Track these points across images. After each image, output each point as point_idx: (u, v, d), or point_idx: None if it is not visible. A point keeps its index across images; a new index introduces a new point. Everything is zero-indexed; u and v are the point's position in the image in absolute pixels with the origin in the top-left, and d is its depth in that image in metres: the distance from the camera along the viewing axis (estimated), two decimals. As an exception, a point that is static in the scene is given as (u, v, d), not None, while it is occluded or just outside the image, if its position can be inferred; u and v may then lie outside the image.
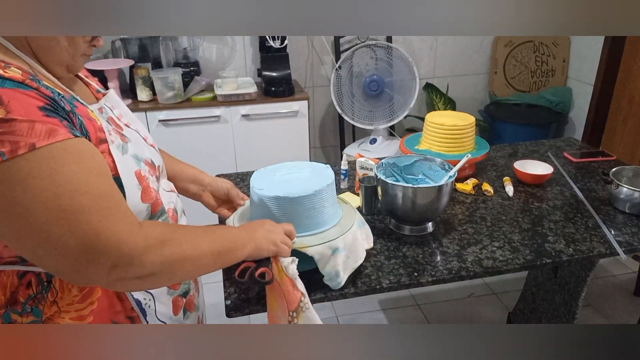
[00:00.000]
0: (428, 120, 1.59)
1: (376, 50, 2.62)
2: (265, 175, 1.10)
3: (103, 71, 2.32)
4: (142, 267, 0.69)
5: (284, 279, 0.91)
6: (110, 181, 0.71)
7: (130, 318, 0.83)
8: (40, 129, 0.63)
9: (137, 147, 0.83)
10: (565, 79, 3.11)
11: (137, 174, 0.79)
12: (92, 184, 0.67)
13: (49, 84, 0.72)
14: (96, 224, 0.65)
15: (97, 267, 0.66)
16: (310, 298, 1.03)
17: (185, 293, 0.94)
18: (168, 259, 0.72)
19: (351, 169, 1.61)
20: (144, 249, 0.69)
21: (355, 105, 2.69)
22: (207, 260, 0.79)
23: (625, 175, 1.47)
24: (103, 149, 0.74)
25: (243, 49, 2.75)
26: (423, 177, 1.37)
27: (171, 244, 0.72)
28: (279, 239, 0.92)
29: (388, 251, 1.21)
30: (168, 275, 0.74)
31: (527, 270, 1.51)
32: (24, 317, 0.77)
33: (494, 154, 1.82)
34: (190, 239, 0.76)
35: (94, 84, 0.91)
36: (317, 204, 1.03)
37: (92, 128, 0.74)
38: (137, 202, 0.78)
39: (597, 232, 1.29)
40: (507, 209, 1.42)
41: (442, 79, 3.09)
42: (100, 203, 0.67)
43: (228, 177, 1.62)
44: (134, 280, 0.70)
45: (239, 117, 2.43)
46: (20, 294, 0.76)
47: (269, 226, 0.93)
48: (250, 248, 0.87)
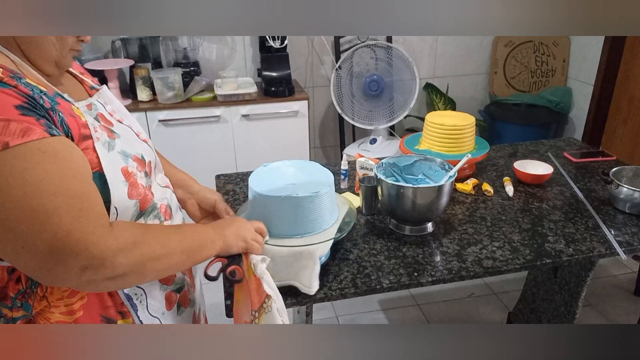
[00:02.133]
0: (428, 120, 1.59)
1: (376, 50, 2.62)
2: (264, 175, 1.10)
3: (103, 71, 2.32)
4: (113, 269, 0.69)
5: (251, 277, 0.90)
6: (87, 181, 0.71)
7: (120, 313, 0.83)
8: (15, 128, 0.64)
9: (126, 143, 0.83)
10: (565, 79, 3.11)
11: (123, 170, 0.79)
12: (65, 184, 0.67)
13: (31, 81, 0.72)
14: (66, 225, 0.66)
15: (66, 268, 0.67)
16: (310, 298, 1.03)
17: (179, 288, 0.94)
18: (139, 260, 0.72)
19: (351, 169, 1.61)
20: (114, 251, 0.69)
21: (355, 105, 2.69)
22: (177, 258, 0.80)
23: (625, 175, 1.47)
24: (87, 145, 0.74)
25: (243, 49, 2.74)
26: (423, 177, 1.37)
27: (141, 245, 0.73)
28: (249, 236, 0.93)
29: (388, 251, 1.21)
30: (139, 276, 0.75)
31: (527, 270, 1.51)
32: (14, 311, 0.77)
33: (494, 154, 1.82)
34: (160, 238, 0.77)
35: (88, 81, 0.91)
36: (316, 205, 1.04)
37: (75, 124, 0.74)
38: (124, 199, 0.78)
39: (597, 232, 1.29)
40: (507, 209, 1.42)
41: (442, 79, 3.09)
42: (73, 204, 0.67)
43: (228, 177, 1.62)
44: (104, 281, 0.70)
45: (239, 117, 2.42)
46: (10, 289, 0.77)
47: (239, 223, 0.94)
48: (220, 245, 0.88)
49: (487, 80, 3.17)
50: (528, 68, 3.11)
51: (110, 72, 2.34)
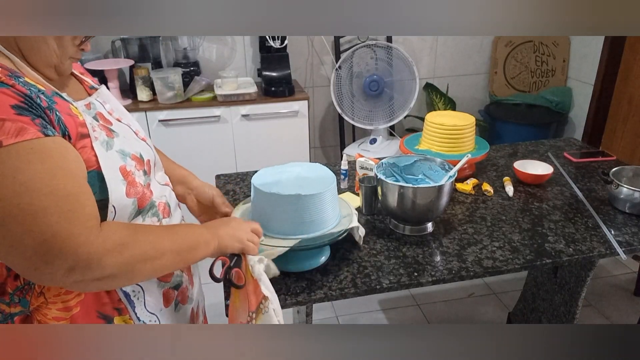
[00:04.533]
0: (428, 120, 1.59)
1: (376, 50, 2.62)
2: (268, 175, 1.10)
3: (103, 71, 2.32)
4: (100, 270, 0.69)
5: (249, 278, 0.90)
6: (78, 182, 0.71)
7: (117, 310, 0.83)
8: (10, 127, 0.64)
9: (125, 142, 0.83)
10: (565, 79, 3.11)
11: (121, 169, 0.79)
12: (56, 184, 0.67)
13: (30, 80, 0.72)
14: (54, 226, 0.66)
15: (53, 268, 0.67)
16: (310, 298, 1.04)
17: (177, 285, 0.94)
18: (127, 261, 0.72)
19: (351, 169, 1.61)
20: (102, 253, 0.69)
21: (355, 105, 2.69)
22: (168, 259, 0.79)
23: (625, 175, 1.47)
24: (84, 144, 0.75)
25: (243, 49, 2.74)
26: (423, 177, 1.37)
27: (131, 247, 0.73)
28: (244, 237, 0.92)
29: (388, 251, 1.21)
30: (128, 276, 0.75)
31: (527, 270, 1.51)
32: (11, 307, 0.78)
33: (494, 154, 1.82)
34: (151, 239, 0.77)
35: (88, 80, 0.92)
36: (318, 205, 1.04)
37: (73, 123, 0.74)
38: (122, 197, 0.78)
39: (597, 232, 1.29)
40: (507, 209, 1.42)
41: (442, 79, 3.09)
42: (62, 205, 0.67)
43: (228, 177, 1.62)
44: (92, 282, 0.71)
45: (239, 117, 2.42)
46: (8, 285, 0.77)
47: (235, 224, 0.93)
48: (214, 246, 0.87)
49: (487, 80, 3.17)
50: (528, 68, 3.11)
51: (110, 72, 2.34)
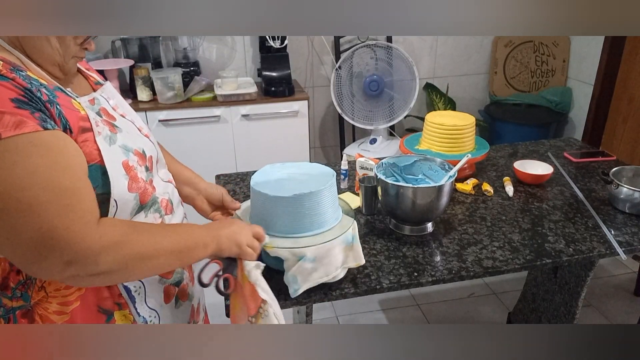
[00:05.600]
0: (428, 120, 1.59)
1: (376, 50, 2.62)
2: (266, 175, 1.10)
3: (103, 71, 2.31)
4: (96, 266, 0.69)
5: (246, 283, 0.89)
6: (77, 177, 0.71)
7: (118, 304, 0.83)
8: (9, 120, 0.64)
9: (128, 138, 0.83)
10: (565, 79, 3.11)
11: (124, 164, 0.79)
12: (54, 179, 0.67)
13: (32, 74, 0.72)
14: (51, 220, 0.66)
15: (49, 262, 0.67)
16: (310, 298, 1.03)
17: (178, 282, 0.94)
18: (123, 259, 0.72)
19: (351, 169, 1.61)
20: (97, 249, 0.69)
21: (355, 105, 2.69)
22: (166, 259, 0.79)
23: (625, 175, 1.47)
24: (86, 138, 0.75)
25: (243, 49, 2.74)
26: (423, 177, 1.37)
27: (126, 245, 0.73)
28: (244, 241, 0.90)
29: (388, 251, 1.21)
30: (124, 274, 0.75)
31: (527, 270, 1.51)
32: (13, 301, 0.78)
33: (494, 154, 1.82)
34: (149, 238, 0.76)
35: (94, 76, 0.93)
36: (316, 205, 1.03)
37: (74, 117, 0.74)
38: (124, 192, 0.78)
39: (597, 232, 1.29)
40: (507, 209, 1.42)
41: (442, 79, 3.09)
42: (60, 199, 0.67)
43: (228, 177, 1.62)
44: (88, 277, 0.71)
45: (239, 117, 2.42)
46: (11, 280, 0.78)
47: (236, 227, 0.91)
48: (212, 248, 0.86)
49: (487, 80, 3.17)
50: (528, 68, 3.11)
51: (110, 72, 2.34)
